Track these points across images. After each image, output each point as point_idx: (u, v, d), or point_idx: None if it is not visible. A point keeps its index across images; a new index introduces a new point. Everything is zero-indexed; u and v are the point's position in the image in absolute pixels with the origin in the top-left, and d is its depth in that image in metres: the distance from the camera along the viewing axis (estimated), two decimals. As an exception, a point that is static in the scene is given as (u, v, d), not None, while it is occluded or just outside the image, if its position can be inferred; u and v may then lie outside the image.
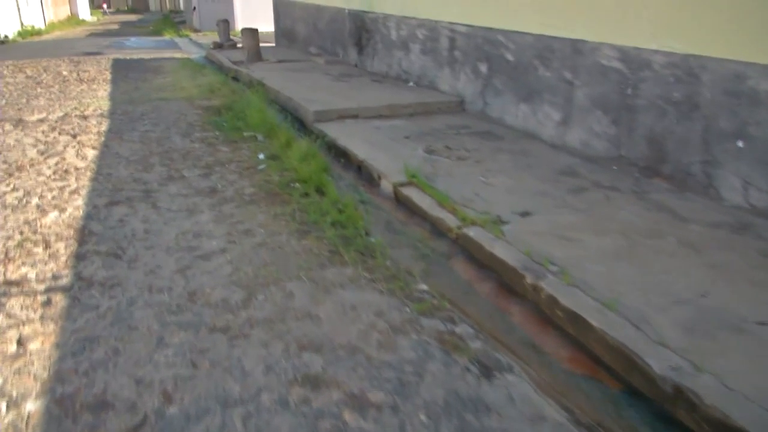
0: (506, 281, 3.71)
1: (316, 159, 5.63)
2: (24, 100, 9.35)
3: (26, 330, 2.97)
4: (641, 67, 5.29)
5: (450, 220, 4.41)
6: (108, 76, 12.28)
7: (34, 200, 4.74)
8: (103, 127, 7.20)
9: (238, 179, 5.38)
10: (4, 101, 9.32)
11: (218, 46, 16.55)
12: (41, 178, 5.29)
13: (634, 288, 3.32)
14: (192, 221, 4.38)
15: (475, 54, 7.83)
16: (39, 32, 31.14)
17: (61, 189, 5.01)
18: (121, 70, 13.36)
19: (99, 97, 9.45)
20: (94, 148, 6.25)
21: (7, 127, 7.36)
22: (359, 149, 6.11)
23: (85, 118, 7.79)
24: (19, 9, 30.92)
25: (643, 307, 3.12)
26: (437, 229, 4.46)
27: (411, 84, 9.53)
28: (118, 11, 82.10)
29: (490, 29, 7.42)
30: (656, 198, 4.78)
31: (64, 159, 5.88)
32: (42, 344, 2.83)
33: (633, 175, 5.43)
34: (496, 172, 5.46)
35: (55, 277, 3.48)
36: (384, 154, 5.92)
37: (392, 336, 2.96)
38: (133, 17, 59.36)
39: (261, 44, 13.39)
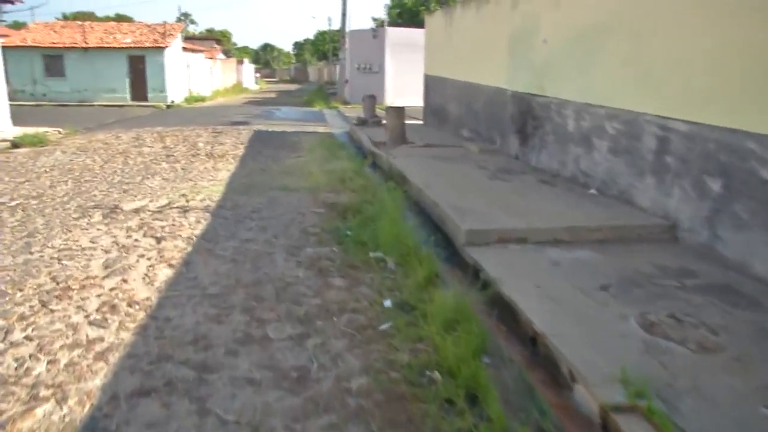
0: None
1: (470, 328, 3.56)
2: (139, 179, 8.38)
3: None
4: None
5: None
6: (240, 152, 11.33)
7: (38, 369, 3.12)
8: (198, 230, 5.72)
9: (345, 351, 3.45)
10: (118, 178, 8.41)
11: (362, 122, 15.46)
12: (76, 319, 3.73)
13: None
14: (248, 461, 2.47)
15: (700, 163, 5.48)
16: (203, 99, 33.01)
17: (89, 346, 3.38)
18: (257, 144, 12.47)
19: (217, 181, 8.24)
20: (171, 266, 4.70)
21: (96, 217, 6.16)
22: (533, 309, 3.97)
23: (185, 211, 6.43)
24: (189, 78, 33.10)
25: None
26: None
27: (592, 191, 7.27)
28: (280, 81, 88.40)
29: (733, 131, 5.07)
30: None
31: (125, 282, 4.35)
32: None
33: None
34: (789, 393, 3.05)
35: None
36: (574, 325, 3.72)
37: None
38: (292, 87, 63.08)
39: (407, 121, 11.91)
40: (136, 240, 5.37)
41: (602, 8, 7.22)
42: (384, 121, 13.84)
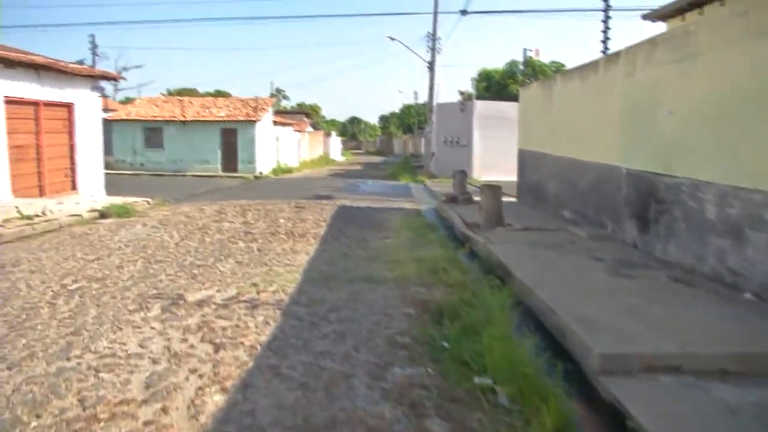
0: None
1: None
2: (211, 261, 7.68)
3: None
4: None
5: None
6: (322, 230, 10.58)
7: None
8: (265, 336, 4.77)
9: None
10: (190, 259, 7.75)
11: (451, 199, 14.48)
12: (90, 477, 2.80)
13: None
14: None
15: None
16: (290, 170, 33.41)
17: None
18: (341, 222, 11.72)
19: (294, 266, 7.38)
20: (224, 390, 3.74)
21: (154, 311, 5.37)
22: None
23: (254, 308, 5.54)
24: (278, 150, 33.76)
25: None
26: None
27: (747, 295, 5.81)
28: (366, 152, 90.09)
29: None
30: None
31: (165, 414, 3.41)
32: None
33: None
34: None
35: None
36: None
37: None
38: (377, 159, 63.70)
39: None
40: (191, 346, 4.49)
41: (756, 71, 5.96)
42: (476, 198, 12.82)
